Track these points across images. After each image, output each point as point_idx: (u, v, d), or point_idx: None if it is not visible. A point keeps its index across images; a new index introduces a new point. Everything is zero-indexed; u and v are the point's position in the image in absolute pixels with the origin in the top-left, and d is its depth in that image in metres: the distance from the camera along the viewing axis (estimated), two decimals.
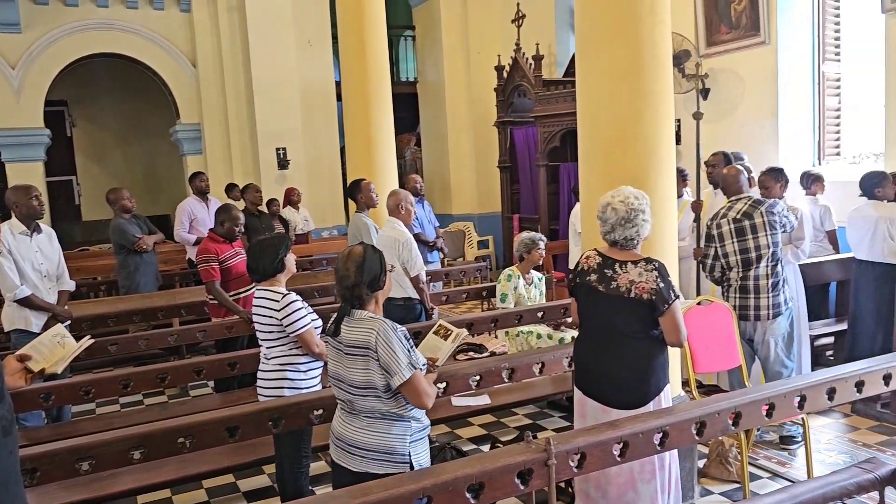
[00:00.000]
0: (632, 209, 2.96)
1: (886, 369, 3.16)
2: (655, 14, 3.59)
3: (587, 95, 3.81)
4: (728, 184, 4.57)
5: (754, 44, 7.29)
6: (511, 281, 5.43)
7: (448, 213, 11.78)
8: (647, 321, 2.94)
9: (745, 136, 7.38)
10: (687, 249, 5.54)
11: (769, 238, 4.32)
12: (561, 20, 10.18)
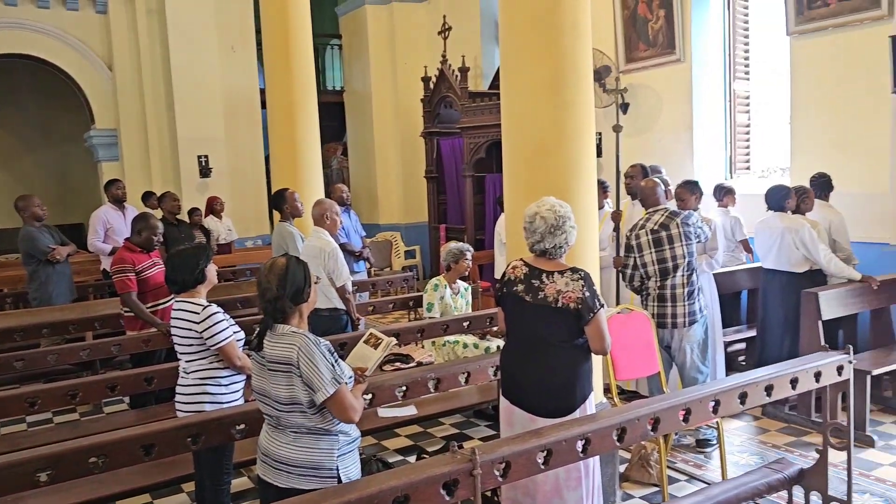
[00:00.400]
0: (559, 217, 3.01)
1: (793, 374, 3.32)
2: (577, 29, 3.68)
3: (511, 107, 3.87)
4: (646, 196, 4.72)
5: (670, 61, 7.59)
6: (438, 291, 5.44)
7: (375, 223, 11.73)
8: (574, 330, 2.99)
9: (662, 150, 7.65)
10: (607, 259, 5.68)
11: (685, 248, 4.48)
12: (486, 33, 10.33)
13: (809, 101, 6.45)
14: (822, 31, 6.23)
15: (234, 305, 5.89)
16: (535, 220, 3.02)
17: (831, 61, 6.23)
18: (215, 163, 10.44)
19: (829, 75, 6.25)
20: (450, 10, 10.54)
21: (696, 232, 4.54)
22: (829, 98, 6.27)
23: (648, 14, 7.73)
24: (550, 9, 3.64)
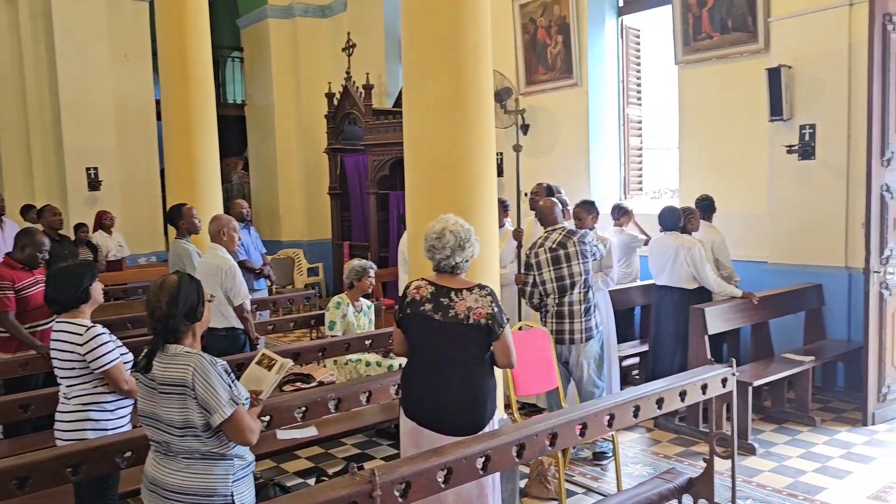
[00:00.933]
0: (466, 230, 3.05)
1: (682, 387, 3.47)
2: (478, 50, 3.75)
3: (413, 126, 3.89)
4: (544, 215, 4.85)
5: (568, 85, 7.87)
6: (340, 308, 5.37)
7: (277, 240, 11.48)
8: (483, 346, 3.01)
9: (561, 170, 7.90)
10: (509, 276, 5.78)
11: (581, 266, 4.62)
12: (391, 51, 10.38)
13: (695, 127, 6.84)
14: (707, 61, 6.64)
15: (124, 326, 5.59)
16: (445, 236, 3.02)
17: (715, 90, 6.63)
18: (106, 175, 9.95)
19: (713, 103, 6.65)
20: (354, 26, 10.53)
21: (591, 250, 4.70)
22: (713, 124, 6.67)
23: (547, 39, 8.00)
24: (452, 30, 3.69)
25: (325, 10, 11.40)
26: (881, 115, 4.95)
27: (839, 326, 5.85)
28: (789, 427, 5.13)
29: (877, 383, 5.11)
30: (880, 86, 4.93)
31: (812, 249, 5.96)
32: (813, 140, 5.87)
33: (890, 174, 5.06)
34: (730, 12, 6.39)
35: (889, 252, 5.08)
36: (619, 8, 7.90)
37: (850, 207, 5.71)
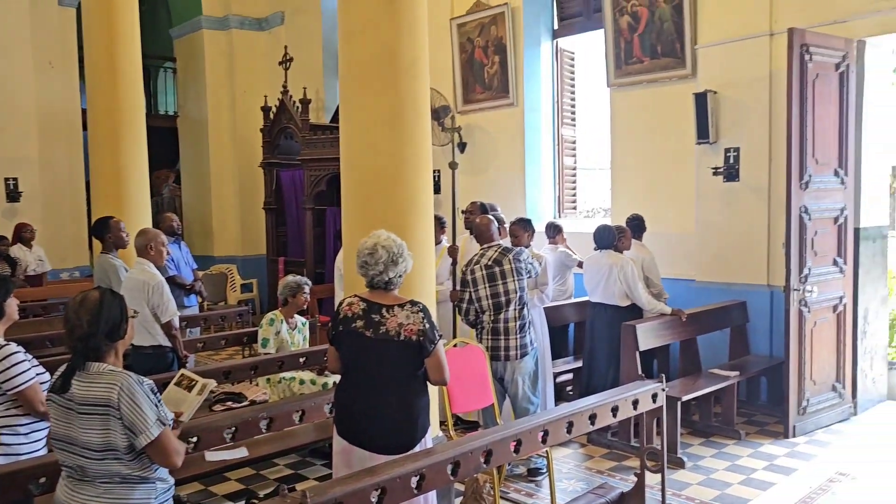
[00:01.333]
0: (399, 245, 3.05)
1: (614, 402, 3.53)
2: (415, 68, 3.77)
3: (350, 141, 3.87)
4: (480, 232, 4.88)
5: (504, 104, 7.98)
6: (273, 325, 5.26)
7: (209, 255, 11.20)
8: (415, 363, 2.99)
9: (497, 188, 7.98)
10: (445, 293, 5.79)
11: (517, 283, 4.66)
12: (329, 66, 10.32)
13: (627, 148, 7.03)
14: (638, 84, 6.84)
15: (43, 344, 5.35)
16: (378, 251, 3.01)
17: (645, 112, 6.84)
18: (26, 186, 9.53)
19: (644, 125, 6.86)
20: (292, 40, 10.44)
21: (527, 268, 4.75)
22: (644, 146, 6.87)
23: (484, 59, 8.10)
24: (390, 47, 3.70)
25: (261, 22, 11.27)
26: (800, 140, 5.20)
27: (762, 342, 6.08)
28: (716, 440, 5.27)
29: (797, 397, 5.31)
30: (799, 112, 5.17)
31: (737, 268, 6.18)
32: (737, 162, 6.11)
33: (808, 196, 5.30)
34: (659, 38, 6.62)
35: (808, 271, 5.31)
36: (553, 31, 8.08)
37: (772, 228, 5.95)
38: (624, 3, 6.78)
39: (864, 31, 5.48)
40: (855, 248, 5.67)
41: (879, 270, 5.93)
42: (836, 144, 5.49)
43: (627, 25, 6.79)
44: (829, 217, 5.49)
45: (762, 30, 5.91)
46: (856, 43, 5.51)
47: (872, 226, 5.85)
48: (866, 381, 5.81)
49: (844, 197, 5.57)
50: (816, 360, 5.41)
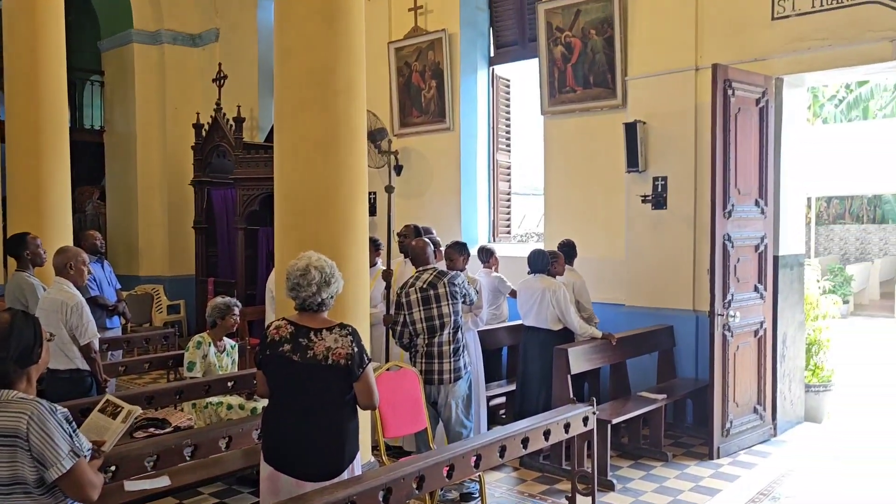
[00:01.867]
0: (331, 266, 3.01)
1: (546, 426, 3.56)
2: (352, 90, 3.76)
3: (285, 161, 3.82)
4: (416, 255, 4.88)
5: (441, 129, 8.04)
6: (200, 348, 5.10)
7: (135, 275, 10.81)
8: (344, 387, 2.95)
9: (433, 212, 8.01)
10: (378, 316, 5.75)
11: (451, 307, 4.67)
12: (264, 85, 10.19)
13: (559, 175, 7.17)
14: (570, 113, 7.01)
15: None
16: (310, 272, 2.96)
17: (578, 140, 7.00)
18: None
19: (576, 153, 7.02)
20: (227, 58, 10.28)
21: (462, 292, 4.76)
22: (576, 173, 7.02)
23: (422, 83, 8.16)
24: (326, 68, 3.69)
25: (195, 39, 11.07)
26: (723, 171, 5.41)
27: (688, 365, 6.25)
28: (644, 462, 5.37)
29: (721, 419, 5.47)
30: (722, 144, 5.40)
31: (664, 293, 6.36)
32: (665, 191, 6.31)
33: (731, 225, 5.51)
34: (591, 69, 6.81)
35: (731, 297, 5.50)
36: (490, 58, 8.22)
37: (697, 254, 6.15)
38: (558, 34, 6.96)
39: (781, 69, 5.78)
40: (774, 275, 5.92)
41: (797, 297, 6.21)
42: (757, 176, 5.74)
43: (561, 55, 6.97)
44: (750, 245, 5.71)
45: (688, 64, 6.16)
46: (774, 80, 5.79)
47: (790, 254, 6.12)
48: (785, 403, 6.04)
49: (764, 226, 5.82)
50: (739, 383, 5.60)
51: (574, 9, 6.82)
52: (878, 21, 5.28)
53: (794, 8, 5.63)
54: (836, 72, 5.75)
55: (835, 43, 5.47)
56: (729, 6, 5.96)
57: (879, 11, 5.27)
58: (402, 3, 8.29)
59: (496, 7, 8.13)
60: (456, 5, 7.93)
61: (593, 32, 6.74)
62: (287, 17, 3.81)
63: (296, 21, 3.76)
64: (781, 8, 5.70)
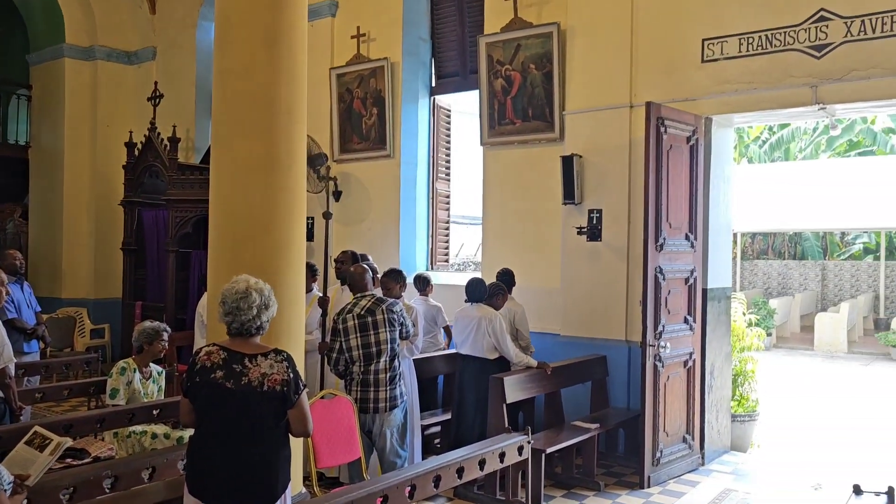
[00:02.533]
0: (268, 289, 2.98)
1: (481, 455, 3.54)
2: (293, 114, 3.73)
3: (221, 183, 3.75)
4: (354, 281, 4.83)
5: (381, 156, 8.05)
6: (125, 375, 4.90)
7: (57, 297, 10.35)
8: (278, 414, 2.88)
9: (372, 239, 7.98)
10: (313, 343, 5.65)
11: (388, 335, 4.63)
12: (201, 106, 10.02)
13: (497, 205, 7.25)
14: (509, 145, 7.13)
15: None
16: (251, 296, 2.90)
17: (516, 172, 7.11)
18: None
19: (514, 184, 7.12)
20: (163, 77, 10.08)
21: (399, 320, 4.73)
22: (514, 203, 7.12)
23: (363, 110, 8.17)
24: (267, 91, 3.65)
25: (131, 56, 10.82)
26: (655, 205, 5.58)
27: (621, 395, 6.35)
28: (577, 492, 5.40)
29: (651, 448, 5.56)
30: (655, 179, 5.57)
31: (598, 323, 6.47)
32: (600, 223, 6.45)
33: (663, 258, 5.67)
34: (530, 103, 6.95)
35: (662, 328, 5.64)
36: (431, 88, 8.30)
37: (630, 286, 6.29)
38: (498, 67, 7.10)
39: (710, 109, 6.02)
40: (703, 307, 6.10)
41: (724, 329, 6.41)
42: (687, 211, 5.94)
43: (501, 88, 7.10)
44: (680, 277, 5.88)
45: (623, 102, 6.35)
46: (704, 119, 6.04)
47: (718, 287, 6.33)
48: (713, 432, 6.20)
49: (694, 259, 6.01)
50: (669, 412, 5.72)
51: (514, 43, 6.98)
52: (798, 67, 5.58)
53: (723, 52, 5.90)
54: (760, 114, 6.03)
55: (759, 86, 5.75)
56: (662, 48, 6.20)
57: (800, 58, 5.57)
58: (346, 31, 8.31)
59: (438, 38, 8.24)
60: (399, 35, 8.00)
61: (533, 67, 6.90)
62: (227, 39, 3.77)
63: (236, 43, 3.71)
64: (711, 51, 5.96)
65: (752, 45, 5.77)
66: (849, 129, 18.95)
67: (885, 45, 5.25)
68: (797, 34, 5.58)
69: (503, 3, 7.03)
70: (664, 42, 6.19)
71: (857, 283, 19.97)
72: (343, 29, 8.35)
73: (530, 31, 6.87)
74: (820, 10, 5.48)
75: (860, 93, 5.39)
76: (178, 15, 10.30)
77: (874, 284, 19.26)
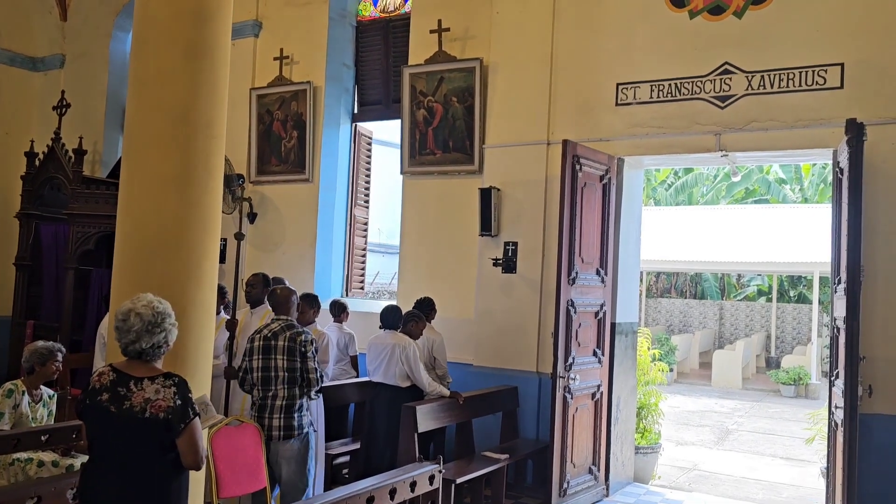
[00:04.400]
0: (158, 313, 2.80)
1: (392, 484, 3.49)
2: (211, 129, 3.64)
3: (131, 197, 3.60)
4: (278, 303, 4.64)
5: (300, 179, 7.95)
6: (11, 397, 4.58)
7: None
8: (164, 443, 2.71)
9: (287, 263, 7.82)
10: (220, 368, 5.45)
11: (287, 362, 4.44)
12: (111, 118, 9.64)
13: (416, 233, 7.28)
14: (429, 175, 7.19)
15: None
16: (130, 317, 2.76)
17: (435, 202, 7.17)
18: None
19: (433, 213, 7.17)
20: (72, 86, 9.64)
21: (302, 349, 4.46)
22: (432, 233, 7.16)
23: (283, 133, 8.06)
24: (185, 104, 3.55)
25: (37, 62, 10.30)
26: (569, 240, 5.73)
27: (530, 426, 6.42)
28: None
29: (559, 479, 5.63)
30: (569, 215, 5.73)
31: (510, 354, 6.54)
32: (515, 256, 6.57)
33: (574, 291, 5.81)
34: (451, 134, 7.05)
35: (572, 360, 5.75)
36: (353, 114, 8.30)
37: (543, 318, 6.40)
38: (421, 98, 7.18)
39: (622, 150, 6.28)
40: (611, 341, 6.28)
41: (630, 363, 6.61)
42: (599, 247, 6.13)
43: (423, 118, 7.17)
44: (591, 311, 6.04)
45: (541, 138, 6.54)
46: (616, 160, 6.28)
47: (626, 321, 6.53)
48: (617, 464, 6.34)
49: (604, 294, 6.19)
50: (577, 444, 5.81)
51: (438, 75, 7.08)
52: (705, 115, 5.91)
53: (635, 97, 6.18)
54: (669, 157, 6.32)
55: (668, 131, 6.05)
56: (579, 89, 6.44)
57: (706, 107, 5.90)
58: (268, 52, 8.22)
59: (362, 65, 8.27)
60: (322, 59, 7.98)
61: (455, 100, 7.01)
62: (145, 48, 3.64)
63: (155, 52, 3.60)
64: (624, 95, 6.23)
65: (662, 92, 6.08)
66: (746, 177, 20.16)
67: (782, 99, 5.64)
68: (703, 84, 5.92)
69: (428, 35, 7.15)
70: (581, 83, 6.43)
71: (752, 322, 21.10)
72: (266, 50, 8.26)
73: (454, 64, 6.99)
74: (724, 63, 5.84)
75: (759, 142, 5.75)
76: (91, 23, 9.92)
77: (766, 325, 20.40)
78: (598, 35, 6.38)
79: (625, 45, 6.25)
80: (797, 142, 5.62)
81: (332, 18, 8.01)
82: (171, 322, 2.84)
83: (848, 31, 5.47)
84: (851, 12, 5.48)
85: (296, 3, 8.13)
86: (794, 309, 20.66)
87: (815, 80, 5.54)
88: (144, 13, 3.66)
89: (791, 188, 21.57)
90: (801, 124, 5.57)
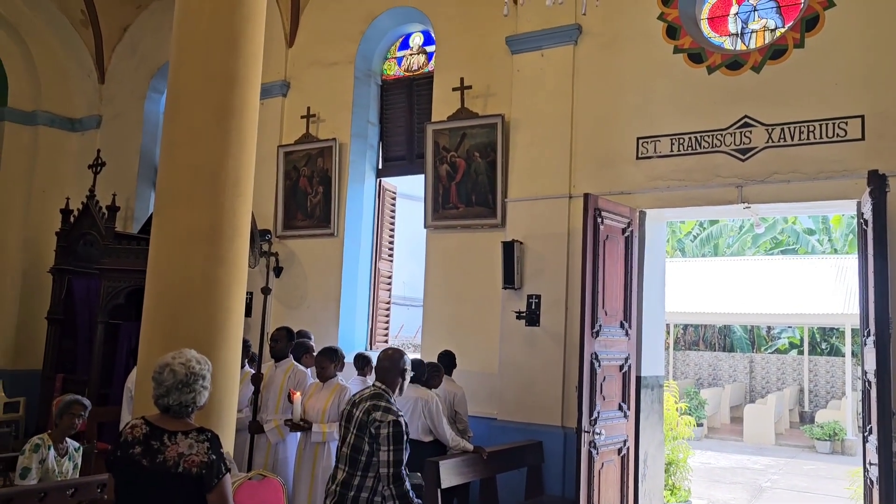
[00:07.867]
0: (192, 373, 2.83)
1: None
2: (239, 187, 3.75)
3: (161, 253, 3.70)
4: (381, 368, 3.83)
5: (325, 234, 8.08)
6: (38, 452, 4.62)
7: None
8: (195, 498, 2.73)
9: (311, 316, 7.88)
10: (244, 421, 5.47)
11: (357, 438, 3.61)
12: (144, 175, 9.95)
13: (439, 286, 7.32)
14: (453, 229, 7.26)
15: None
16: (164, 372, 2.81)
17: (458, 255, 7.23)
18: None
19: (456, 267, 7.22)
20: (107, 145, 9.98)
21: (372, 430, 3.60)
22: (456, 286, 7.19)
23: (309, 188, 8.24)
24: (215, 162, 3.68)
25: (74, 123, 10.71)
26: (592, 293, 5.72)
27: (555, 482, 6.30)
28: None
29: None
30: (592, 268, 5.74)
31: (535, 408, 6.47)
32: (538, 309, 6.56)
33: (598, 344, 5.77)
34: (474, 189, 7.15)
35: (597, 414, 5.68)
36: (378, 169, 8.46)
37: (567, 372, 6.35)
38: (444, 153, 7.31)
39: (644, 203, 6.31)
40: (637, 394, 6.19)
41: (656, 417, 6.50)
42: (622, 299, 6.11)
43: (446, 173, 7.29)
44: (615, 364, 5.99)
45: (563, 192, 6.60)
46: (638, 212, 6.30)
47: (651, 375, 6.45)
48: None
49: (629, 347, 6.14)
50: (603, 500, 5.68)
51: (461, 132, 7.23)
52: (725, 168, 5.93)
53: (656, 150, 6.24)
54: (690, 209, 6.34)
55: (690, 184, 6.07)
56: (600, 144, 6.52)
57: (726, 160, 5.94)
58: (296, 110, 8.47)
59: (387, 122, 8.46)
60: (348, 117, 8.19)
61: (477, 155, 7.13)
62: (178, 110, 3.80)
63: (187, 114, 3.76)
64: (645, 149, 6.30)
65: (682, 146, 6.13)
66: (772, 228, 20.00)
67: (803, 151, 5.65)
68: (724, 137, 5.97)
69: (451, 93, 7.32)
70: (602, 138, 6.51)
71: (784, 375, 20.62)
72: (293, 109, 8.51)
73: (476, 121, 7.14)
74: (744, 116, 5.89)
75: (781, 194, 5.75)
76: (127, 85, 10.33)
77: (798, 378, 19.91)
78: (618, 90, 6.49)
79: (644, 100, 6.34)
80: (820, 193, 5.61)
81: (358, 78, 8.25)
82: (203, 384, 2.86)
83: (866, 83, 5.51)
84: (869, 64, 5.53)
85: (323, 63, 8.40)
86: (827, 362, 20.18)
87: (836, 132, 5.56)
88: (177, 77, 3.83)
89: (819, 239, 21.33)
90: (823, 176, 5.57)
